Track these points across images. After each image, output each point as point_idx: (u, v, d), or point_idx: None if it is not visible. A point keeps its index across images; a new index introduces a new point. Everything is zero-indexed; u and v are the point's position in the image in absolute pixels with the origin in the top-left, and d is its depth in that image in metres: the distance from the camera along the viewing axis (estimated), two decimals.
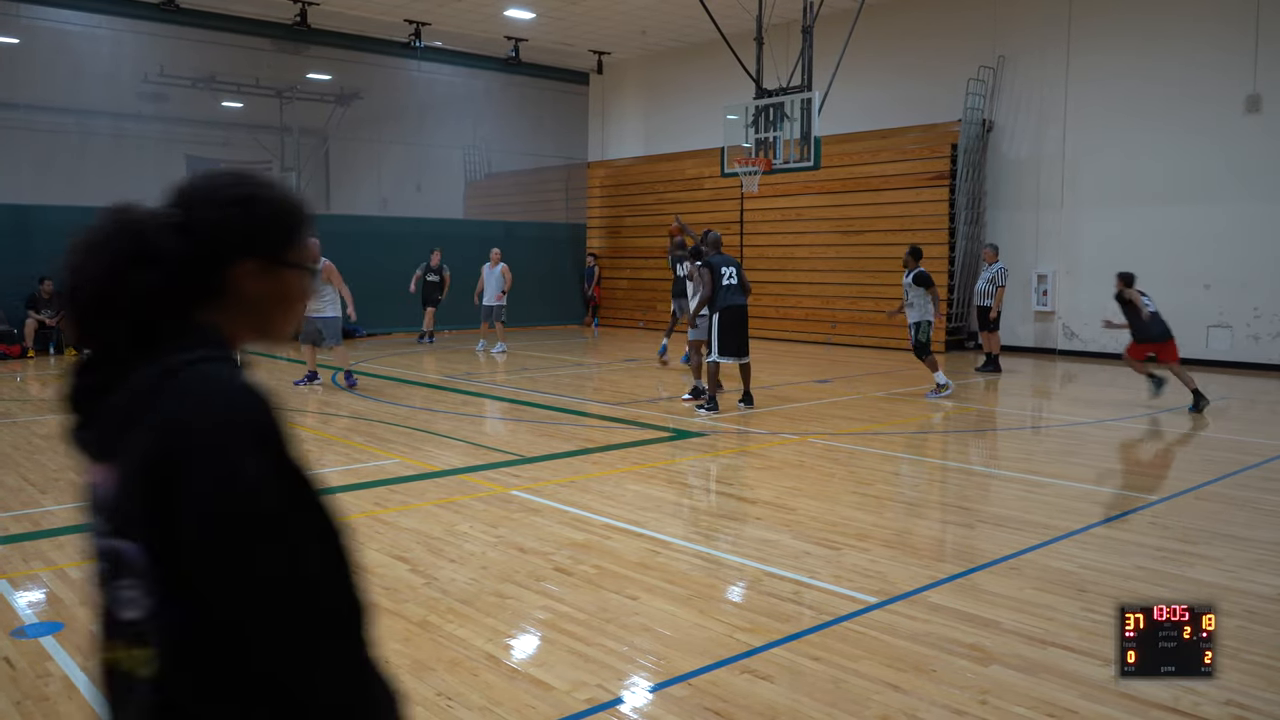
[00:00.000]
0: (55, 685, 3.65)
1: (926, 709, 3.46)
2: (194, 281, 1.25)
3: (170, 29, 17.51)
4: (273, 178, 1.37)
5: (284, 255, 1.33)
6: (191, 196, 1.29)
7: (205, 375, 1.19)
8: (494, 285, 16.19)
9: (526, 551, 5.34)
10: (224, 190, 1.29)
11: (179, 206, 1.28)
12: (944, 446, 8.87)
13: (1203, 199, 14.34)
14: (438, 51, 20.80)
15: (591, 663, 3.86)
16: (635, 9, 18.08)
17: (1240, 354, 14.08)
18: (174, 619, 1.15)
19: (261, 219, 1.30)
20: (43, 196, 16.19)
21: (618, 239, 22.99)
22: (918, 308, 11.22)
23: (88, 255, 1.23)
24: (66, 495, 6.59)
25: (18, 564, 5.11)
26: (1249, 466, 7.65)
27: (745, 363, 10.22)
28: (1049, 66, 15.87)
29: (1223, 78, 14.00)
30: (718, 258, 10.10)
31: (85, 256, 1.23)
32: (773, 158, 13.85)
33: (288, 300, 1.35)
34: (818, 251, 18.42)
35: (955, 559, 5.31)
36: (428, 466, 7.56)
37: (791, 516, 6.12)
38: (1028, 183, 16.34)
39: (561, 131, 23.34)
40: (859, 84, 16.85)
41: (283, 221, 1.33)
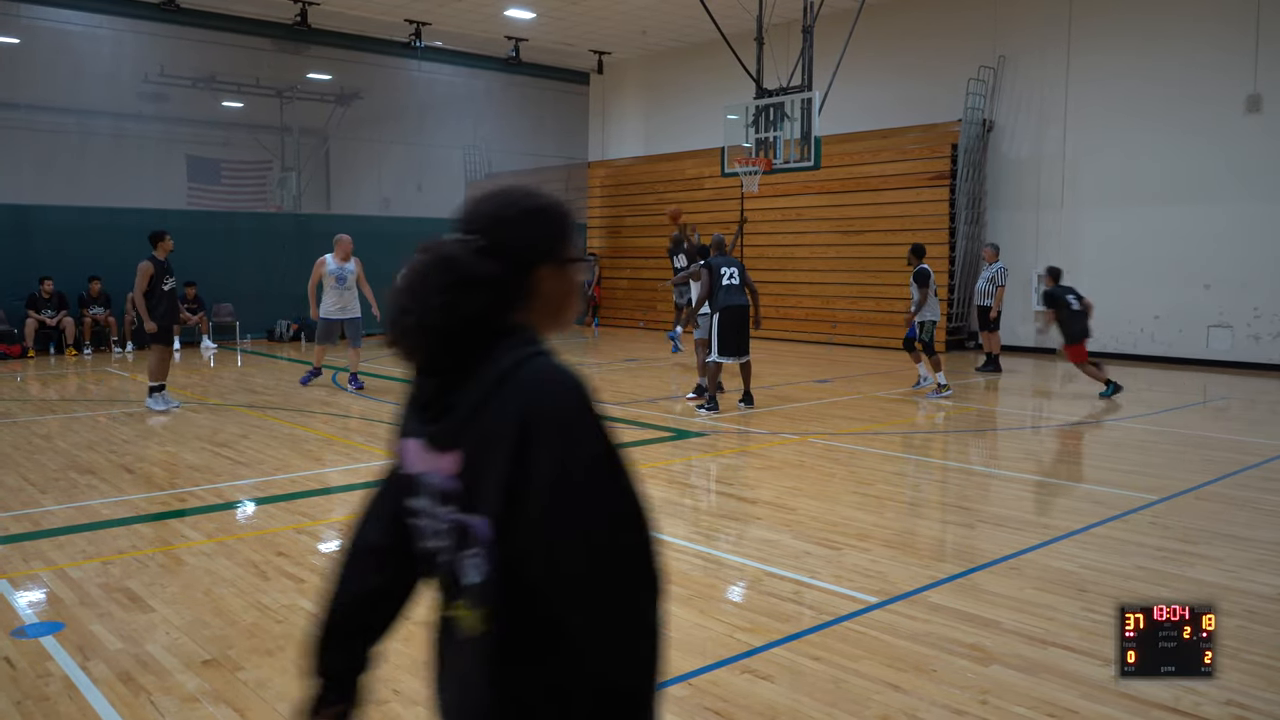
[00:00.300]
0: (55, 685, 3.65)
1: (927, 709, 3.46)
2: (509, 293, 1.45)
3: (171, 29, 17.51)
4: (533, 187, 1.58)
5: (567, 254, 1.53)
6: (485, 221, 1.50)
7: (543, 368, 1.39)
8: None
9: None
10: (512, 210, 1.50)
11: (476, 232, 1.48)
12: (944, 446, 8.87)
13: (1203, 199, 14.34)
14: (438, 51, 20.80)
15: None
16: (635, 9, 18.08)
17: (1241, 354, 14.09)
18: (510, 583, 1.35)
19: (548, 229, 1.52)
20: (43, 196, 16.20)
21: (618, 239, 23.00)
22: (923, 306, 11.23)
23: (416, 290, 1.44)
24: (66, 495, 6.60)
25: (18, 564, 5.12)
26: (1249, 466, 7.65)
27: (745, 362, 10.23)
28: (1049, 66, 15.86)
29: (1223, 78, 14.00)
30: (718, 258, 10.12)
31: (414, 291, 1.44)
32: (773, 157, 13.85)
33: (574, 291, 1.54)
34: (818, 251, 18.42)
35: (955, 559, 5.31)
36: None
37: (792, 516, 6.12)
38: (1028, 183, 16.34)
39: (562, 131, 23.34)
40: (859, 84, 16.85)
41: (563, 226, 1.55)
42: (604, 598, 1.32)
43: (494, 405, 1.36)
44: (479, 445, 1.38)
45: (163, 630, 4.18)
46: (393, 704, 3.49)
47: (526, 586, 1.34)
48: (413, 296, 1.43)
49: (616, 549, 1.33)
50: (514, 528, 1.33)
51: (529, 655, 1.37)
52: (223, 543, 5.50)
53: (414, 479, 1.50)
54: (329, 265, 11.48)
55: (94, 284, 16.04)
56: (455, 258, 1.44)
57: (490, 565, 1.36)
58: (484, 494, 1.36)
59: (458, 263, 1.44)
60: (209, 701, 3.51)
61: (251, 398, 11.22)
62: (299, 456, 7.91)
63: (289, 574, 4.94)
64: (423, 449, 1.47)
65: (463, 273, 1.42)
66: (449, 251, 1.45)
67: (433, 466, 1.45)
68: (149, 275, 9.81)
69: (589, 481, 1.32)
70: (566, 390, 1.36)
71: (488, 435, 1.36)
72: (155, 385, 10.09)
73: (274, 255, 18.68)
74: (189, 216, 17.87)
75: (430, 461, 1.46)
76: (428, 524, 1.48)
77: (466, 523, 1.39)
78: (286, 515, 6.12)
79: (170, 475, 7.26)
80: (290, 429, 9.18)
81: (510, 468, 1.33)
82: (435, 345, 1.42)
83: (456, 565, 1.42)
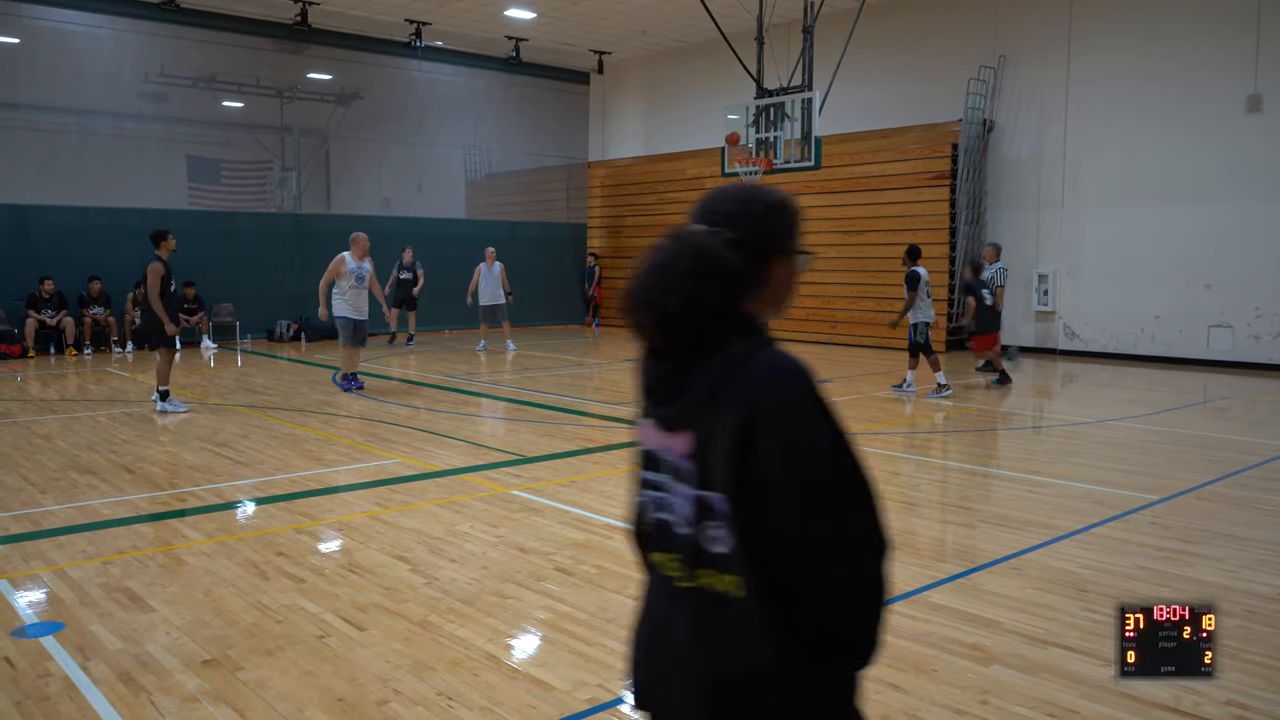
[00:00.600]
0: (55, 685, 3.65)
1: (927, 709, 3.46)
2: (746, 282, 1.55)
3: (171, 29, 17.51)
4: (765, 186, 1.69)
5: (796, 246, 1.65)
6: (729, 214, 1.59)
7: (776, 356, 1.51)
8: (495, 284, 16.18)
9: (527, 551, 5.34)
10: (754, 205, 1.61)
11: (721, 224, 1.57)
12: (944, 446, 8.87)
13: (1203, 199, 14.34)
14: (438, 51, 20.80)
15: (592, 663, 3.86)
16: (636, 9, 18.08)
17: (1241, 354, 14.08)
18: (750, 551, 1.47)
19: (785, 222, 1.63)
20: (43, 196, 16.21)
21: (618, 239, 22.99)
22: (918, 309, 11.24)
23: (664, 275, 1.51)
24: (66, 495, 6.60)
25: (18, 564, 5.12)
26: (1250, 466, 7.65)
27: None
28: (1050, 66, 15.86)
29: (1223, 78, 14.00)
30: None
31: (661, 276, 1.51)
32: (773, 157, 13.86)
33: (795, 280, 1.66)
34: (818, 251, 18.39)
35: (956, 559, 5.31)
36: (429, 466, 7.57)
37: None
38: (1028, 182, 16.33)
39: (562, 131, 23.34)
40: (859, 84, 16.85)
41: (795, 219, 1.66)
42: (839, 564, 1.46)
43: (726, 391, 1.47)
44: (711, 428, 1.49)
45: (163, 630, 4.18)
46: (393, 704, 3.49)
47: (766, 554, 1.46)
48: (662, 282, 1.51)
49: (846, 521, 1.46)
50: (749, 504, 1.46)
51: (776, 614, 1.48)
52: (223, 543, 5.50)
53: (652, 455, 1.62)
54: (349, 264, 11.25)
55: (94, 284, 16.04)
56: (709, 248, 1.52)
57: (734, 536, 1.48)
58: (718, 472, 1.48)
59: (711, 253, 1.51)
60: (209, 701, 3.51)
61: (252, 398, 11.22)
62: (299, 456, 7.91)
63: (289, 574, 4.94)
64: (656, 429, 1.59)
65: (714, 263, 1.51)
66: (702, 242, 1.53)
67: (666, 445, 1.57)
68: (161, 276, 9.68)
69: (818, 461, 1.45)
70: (793, 377, 1.48)
71: (719, 419, 1.47)
72: (164, 389, 10.01)
73: (274, 255, 18.68)
74: (189, 216, 17.87)
75: (664, 440, 1.57)
76: (663, 497, 1.59)
77: (706, 498, 1.50)
78: (286, 515, 6.12)
79: (170, 475, 7.26)
80: (290, 429, 9.18)
81: (741, 450, 1.44)
82: (677, 330, 1.51)
83: (700, 536, 1.52)
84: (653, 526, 1.63)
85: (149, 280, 9.67)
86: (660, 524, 1.60)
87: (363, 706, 3.47)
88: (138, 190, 17.03)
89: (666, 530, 1.59)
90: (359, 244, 11.37)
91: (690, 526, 1.53)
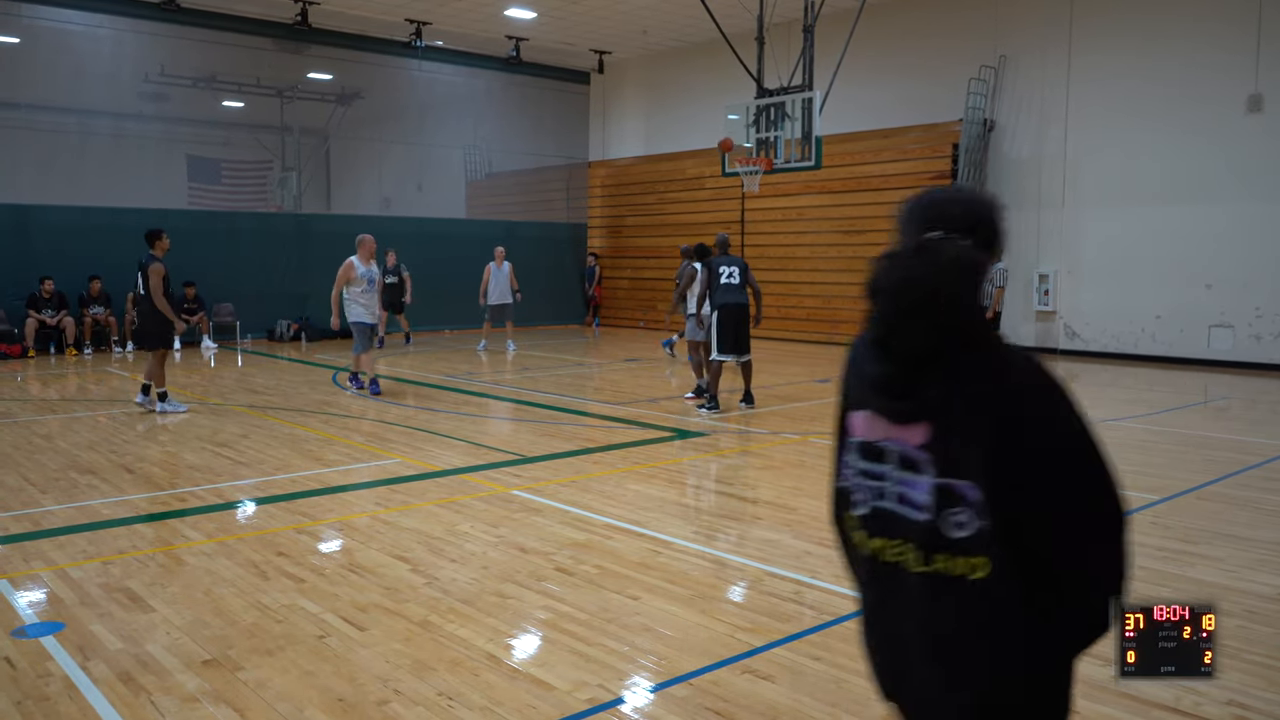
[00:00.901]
0: (55, 685, 3.65)
1: None
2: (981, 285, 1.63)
3: (171, 29, 17.51)
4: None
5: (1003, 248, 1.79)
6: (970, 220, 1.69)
7: (1020, 353, 1.60)
8: (505, 283, 16.14)
9: (527, 551, 5.34)
10: (989, 211, 1.72)
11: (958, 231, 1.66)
12: None
13: (1204, 199, 14.33)
14: (438, 51, 20.80)
15: (593, 663, 3.86)
16: (636, 8, 18.07)
17: (1242, 354, 14.08)
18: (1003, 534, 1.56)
19: (1003, 227, 1.75)
20: (43, 196, 16.21)
21: (619, 239, 22.99)
22: None
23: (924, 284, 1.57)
24: (66, 495, 6.60)
25: (18, 564, 5.12)
26: (1250, 466, 7.65)
27: (746, 361, 10.24)
28: (1050, 66, 15.86)
29: (1224, 78, 13.99)
30: (719, 258, 10.15)
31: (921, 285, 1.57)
32: (774, 157, 13.85)
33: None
34: (819, 251, 18.41)
35: None
36: (429, 466, 7.56)
37: (793, 516, 6.12)
38: (1029, 182, 16.33)
39: (562, 131, 23.33)
40: (860, 83, 16.85)
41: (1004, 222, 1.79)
42: (1097, 541, 1.58)
43: (976, 386, 1.56)
44: (955, 419, 1.57)
45: (163, 630, 4.18)
46: (393, 704, 3.49)
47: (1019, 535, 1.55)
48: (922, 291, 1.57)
49: (1103, 502, 1.58)
50: (1007, 489, 1.54)
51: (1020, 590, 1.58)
52: (223, 543, 5.50)
53: (870, 446, 1.68)
54: (358, 268, 11.03)
55: (94, 284, 16.04)
56: (967, 258, 1.60)
57: (981, 521, 1.56)
58: (966, 461, 1.56)
59: (969, 263, 1.60)
60: (209, 701, 3.51)
61: (252, 398, 11.22)
62: (299, 456, 7.91)
63: (289, 574, 4.94)
64: (879, 421, 1.66)
65: (972, 272, 1.60)
66: (963, 254, 1.60)
67: (894, 436, 1.64)
68: (163, 276, 9.62)
69: (1077, 446, 1.56)
70: (1044, 371, 1.59)
71: (968, 411, 1.56)
72: (161, 390, 9.98)
73: (274, 255, 18.68)
74: (189, 216, 17.88)
75: (891, 431, 1.64)
76: (885, 486, 1.67)
77: (950, 485, 1.58)
78: (286, 515, 6.12)
79: (170, 475, 7.26)
80: (290, 429, 9.18)
81: (1002, 438, 1.53)
82: (939, 334, 1.57)
83: (941, 523, 1.59)
84: (870, 514, 1.70)
85: (151, 281, 9.58)
86: (882, 512, 1.67)
87: (363, 706, 3.47)
88: (138, 190, 17.02)
89: (892, 518, 1.66)
90: (365, 246, 11.15)
91: (927, 513, 1.61)
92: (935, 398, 1.59)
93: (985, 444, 1.54)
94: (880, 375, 1.65)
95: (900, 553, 1.65)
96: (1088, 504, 1.57)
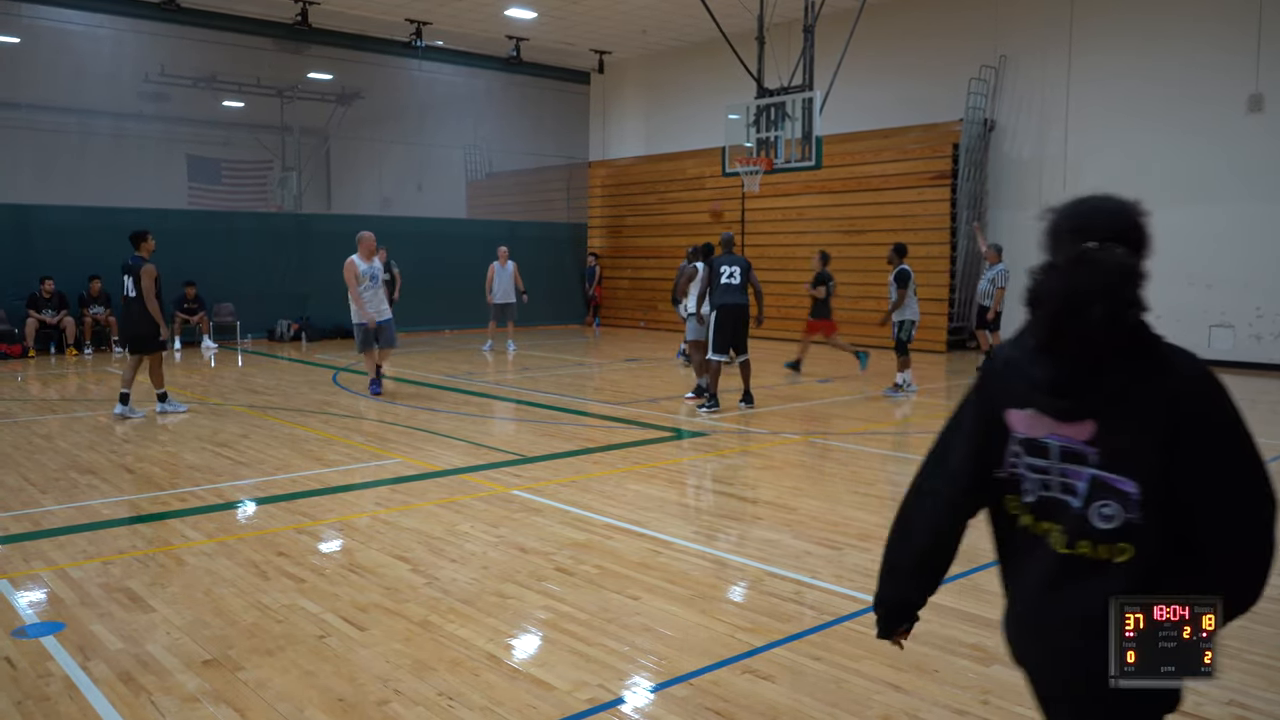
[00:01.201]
0: (55, 685, 3.65)
1: (928, 709, 3.46)
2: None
3: (171, 28, 17.51)
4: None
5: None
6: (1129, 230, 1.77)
7: (1183, 352, 1.73)
8: (508, 283, 16.12)
9: (528, 551, 5.34)
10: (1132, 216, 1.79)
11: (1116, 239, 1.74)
12: None
13: (1204, 199, 14.33)
14: (439, 51, 20.80)
15: (593, 663, 3.86)
16: (636, 8, 18.07)
17: (1242, 354, 14.08)
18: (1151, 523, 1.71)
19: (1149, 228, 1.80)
20: (43, 196, 16.21)
21: (619, 239, 22.99)
22: (903, 307, 11.30)
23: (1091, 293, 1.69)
24: (66, 495, 6.60)
25: (18, 564, 5.12)
26: None
27: (744, 361, 10.25)
28: (1050, 66, 15.85)
29: (1224, 78, 13.99)
30: (721, 257, 10.16)
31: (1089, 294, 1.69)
32: (774, 157, 13.85)
33: None
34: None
35: (957, 559, 5.30)
36: (429, 466, 7.56)
37: (792, 516, 6.12)
38: (1029, 183, 16.32)
39: (562, 131, 23.33)
40: (860, 83, 16.84)
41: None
42: (1256, 525, 1.70)
43: (1143, 385, 1.70)
44: (1122, 417, 1.71)
45: (163, 630, 4.18)
46: (393, 704, 3.49)
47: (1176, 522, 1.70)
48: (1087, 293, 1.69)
49: (1262, 489, 1.70)
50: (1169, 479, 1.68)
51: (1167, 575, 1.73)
52: (223, 543, 5.50)
53: (1034, 442, 1.83)
54: (360, 266, 10.84)
55: (94, 283, 16.04)
56: (1131, 266, 1.71)
57: (1129, 514, 1.71)
58: (1130, 456, 1.71)
59: (1132, 270, 1.71)
60: (209, 701, 3.51)
61: (252, 398, 11.22)
62: (299, 456, 7.91)
63: (289, 574, 4.94)
64: (1042, 418, 1.81)
65: (1136, 276, 1.71)
66: (1123, 261, 1.71)
67: (1058, 432, 1.79)
68: (156, 277, 9.47)
69: (1243, 437, 1.70)
70: (1207, 369, 1.71)
71: (1133, 408, 1.71)
72: (161, 391, 9.91)
73: (274, 255, 18.68)
74: (189, 216, 17.88)
75: (1055, 428, 1.79)
76: (1050, 478, 1.82)
77: (1107, 479, 1.73)
78: (286, 515, 6.12)
79: (170, 475, 7.26)
80: (290, 429, 9.18)
81: (1165, 433, 1.67)
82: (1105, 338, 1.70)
83: (1089, 512, 1.75)
84: (1037, 502, 1.85)
85: (145, 283, 9.38)
86: (1048, 500, 1.83)
87: (363, 706, 3.47)
88: (138, 190, 17.02)
89: (1055, 504, 1.82)
90: (365, 243, 10.93)
91: (1082, 502, 1.76)
92: (1101, 397, 1.73)
93: (1153, 438, 1.68)
94: (1047, 378, 1.79)
95: (1056, 534, 1.82)
96: (1249, 489, 1.70)
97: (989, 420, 1.92)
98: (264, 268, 18.48)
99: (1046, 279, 1.75)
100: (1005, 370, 1.89)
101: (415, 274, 17.48)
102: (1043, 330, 1.76)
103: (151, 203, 17.02)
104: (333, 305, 16.47)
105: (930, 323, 16.60)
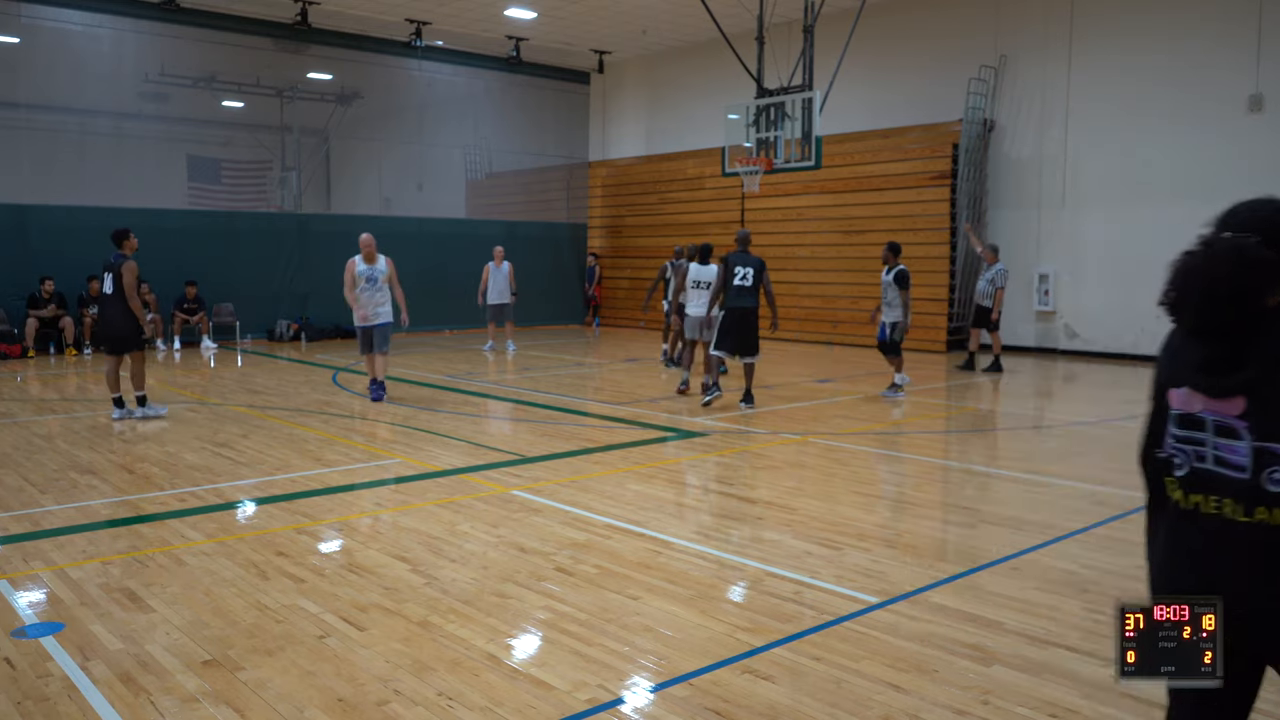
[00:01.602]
0: (55, 685, 3.64)
1: (928, 709, 3.46)
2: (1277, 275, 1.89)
3: (171, 28, 17.51)
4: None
5: None
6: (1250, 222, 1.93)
7: None
8: (504, 283, 16.12)
9: (527, 551, 5.34)
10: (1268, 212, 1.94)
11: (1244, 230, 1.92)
12: (945, 446, 8.87)
13: (1205, 198, 14.27)
14: (438, 51, 20.79)
15: (593, 663, 3.86)
16: (636, 8, 18.07)
17: None
18: None
19: None
20: (43, 196, 16.20)
21: (619, 239, 22.99)
22: (896, 307, 11.09)
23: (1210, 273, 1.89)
24: (66, 495, 6.60)
25: (18, 564, 5.11)
26: None
27: (749, 363, 10.30)
28: (1050, 66, 15.85)
29: (1225, 77, 13.99)
30: (736, 255, 10.14)
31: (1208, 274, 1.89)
32: (774, 157, 13.85)
33: None
34: (819, 251, 18.41)
35: (957, 559, 5.31)
36: (429, 466, 7.56)
37: (792, 516, 6.12)
38: (1029, 182, 16.33)
39: (562, 131, 23.33)
40: (860, 83, 16.85)
41: None
42: None
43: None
44: (1271, 390, 1.85)
45: (163, 630, 4.18)
46: (393, 704, 3.49)
47: None
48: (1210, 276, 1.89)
49: None
50: None
51: None
52: (223, 543, 5.50)
53: (1189, 417, 1.98)
54: (359, 267, 10.70)
55: (94, 284, 16.01)
56: (1253, 252, 1.87)
57: None
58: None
59: (1255, 256, 1.87)
60: (209, 701, 3.50)
61: (252, 398, 11.21)
62: (299, 456, 7.91)
63: (289, 574, 4.94)
64: (1197, 396, 1.96)
65: (1259, 263, 1.86)
66: (1246, 248, 1.88)
67: (1212, 408, 1.94)
68: (137, 274, 9.35)
69: None
70: None
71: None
72: (140, 394, 9.68)
73: (274, 255, 18.68)
74: (189, 216, 17.88)
75: (1209, 404, 1.94)
76: (1205, 451, 1.96)
77: (1269, 449, 1.85)
78: (286, 515, 6.12)
79: (170, 475, 7.26)
80: (290, 429, 9.18)
81: None
82: (1225, 312, 1.87)
83: (1261, 480, 1.87)
84: (1189, 474, 1.98)
85: (126, 279, 9.24)
86: (1202, 472, 1.96)
87: (363, 707, 3.47)
88: (138, 190, 17.01)
89: (1212, 477, 1.94)
90: (365, 246, 10.72)
91: (1247, 473, 1.88)
92: (1251, 373, 1.87)
93: None
94: (1200, 358, 1.97)
95: (1219, 506, 1.93)
96: None
97: (1158, 399, 2.10)
98: (264, 268, 18.48)
99: (1178, 266, 1.95)
100: (1168, 351, 2.07)
101: (415, 274, 17.46)
102: (1181, 313, 1.95)
103: (151, 203, 17.02)
104: (332, 305, 16.49)
105: (930, 323, 16.61)
